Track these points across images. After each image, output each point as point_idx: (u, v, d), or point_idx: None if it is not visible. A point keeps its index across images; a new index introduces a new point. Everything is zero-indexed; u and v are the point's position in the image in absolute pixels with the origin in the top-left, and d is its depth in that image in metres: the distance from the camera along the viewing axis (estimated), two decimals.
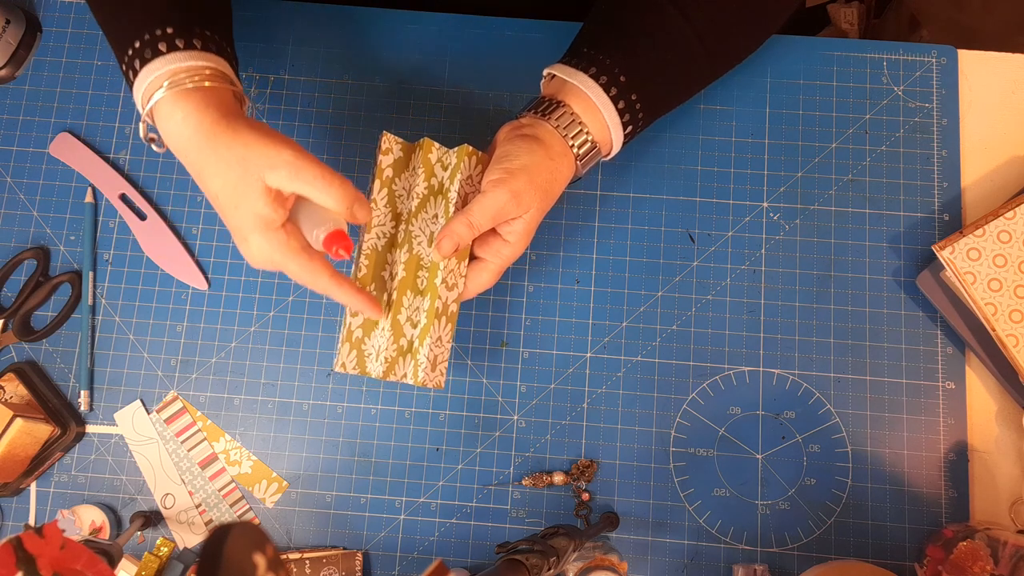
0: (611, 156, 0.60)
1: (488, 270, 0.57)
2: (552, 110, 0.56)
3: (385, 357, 0.55)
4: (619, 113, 0.56)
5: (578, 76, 0.56)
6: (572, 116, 0.55)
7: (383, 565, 0.63)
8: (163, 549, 0.63)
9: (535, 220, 0.55)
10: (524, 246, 0.56)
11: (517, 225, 0.55)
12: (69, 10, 0.72)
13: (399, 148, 0.58)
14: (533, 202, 0.54)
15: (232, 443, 0.65)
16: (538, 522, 0.63)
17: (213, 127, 0.48)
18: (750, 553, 0.62)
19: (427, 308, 0.56)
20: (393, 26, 0.71)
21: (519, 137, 0.55)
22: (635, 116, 0.57)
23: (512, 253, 0.56)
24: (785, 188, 0.67)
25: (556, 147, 0.55)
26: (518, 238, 0.55)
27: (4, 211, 0.69)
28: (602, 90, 0.55)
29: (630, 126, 0.57)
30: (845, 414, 0.64)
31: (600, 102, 0.55)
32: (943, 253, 0.61)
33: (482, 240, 0.57)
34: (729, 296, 0.66)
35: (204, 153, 0.49)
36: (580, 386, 0.65)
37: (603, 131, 0.57)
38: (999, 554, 0.54)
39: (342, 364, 0.55)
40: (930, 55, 0.69)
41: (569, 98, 0.56)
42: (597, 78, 0.55)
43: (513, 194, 0.53)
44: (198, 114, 0.49)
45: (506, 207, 0.53)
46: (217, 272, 0.67)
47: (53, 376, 0.67)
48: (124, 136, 0.70)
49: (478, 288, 0.58)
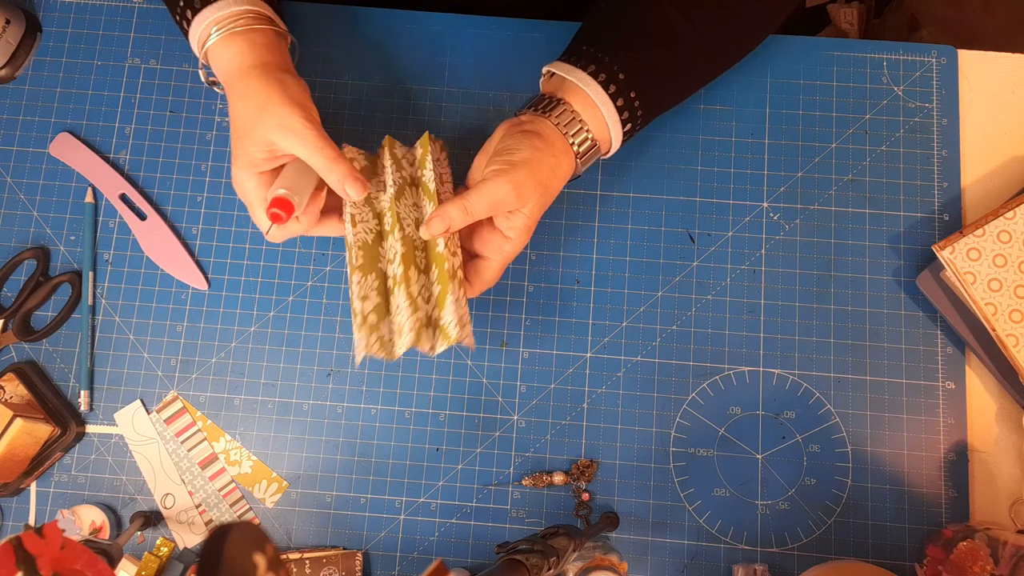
0: (610, 154, 0.60)
1: (491, 267, 0.57)
2: (552, 107, 0.56)
3: (410, 327, 0.53)
4: (618, 111, 0.56)
5: (577, 74, 0.56)
6: (572, 114, 0.56)
7: (383, 565, 0.63)
8: (163, 549, 0.63)
9: (535, 216, 0.55)
10: (524, 242, 0.57)
11: (517, 220, 0.55)
12: (69, 10, 0.72)
13: (363, 158, 0.60)
14: (532, 196, 0.54)
15: (232, 443, 0.65)
16: (538, 522, 0.63)
17: (251, 68, 0.55)
18: (750, 553, 0.62)
19: (438, 275, 0.55)
20: (393, 26, 0.71)
21: (520, 132, 0.55)
22: (634, 114, 0.57)
23: (513, 249, 0.56)
24: (785, 188, 0.67)
25: (557, 144, 0.55)
26: (518, 234, 0.55)
27: (4, 211, 0.69)
28: (601, 88, 0.55)
29: (629, 124, 0.57)
30: (845, 414, 0.64)
31: (599, 100, 0.55)
32: (943, 253, 0.61)
33: (483, 238, 0.57)
34: (729, 296, 0.66)
35: (237, 86, 0.55)
36: (580, 386, 0.65)
37: (602, 129, 0.57)
38: (999, 554, 0.54)
39: (367, 348, 0.53)
40: (930, 55, 0.69)
41: (569, 96, 0.56)
42: (596, 76, 0.55)
43: (514, 185, 0.53)
44: (241, 56, 0.55)
45: (505, 198, 0.53)
46: (217, 272, 0.67)
47: (53, 376, 0.67)
48: (124, 136, 0.70)
49: (483, 286, 0.58)
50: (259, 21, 0.57)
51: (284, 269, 0.67)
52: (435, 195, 0.57)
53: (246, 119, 0.54)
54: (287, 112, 0.52)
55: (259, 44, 0.56)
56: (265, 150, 0.54)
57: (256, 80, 0.54)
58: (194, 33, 0.57)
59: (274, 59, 0.56)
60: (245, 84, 0.54)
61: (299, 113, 0.53)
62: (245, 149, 0.54)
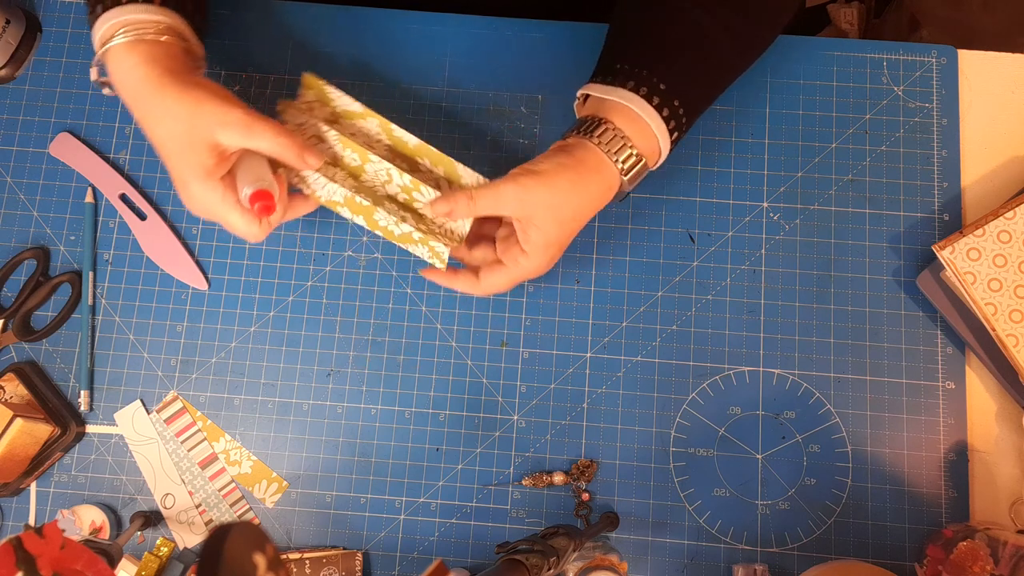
0: (659, 165, 0.59)
1: (504, 274, 0.57)
2: (594, 128, 0.55)
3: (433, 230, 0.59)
4: (664, 120, 0.56)
5: (618, 92, 0.55)
6: (615, 132, 0.55)
7: (383, 565, 0.63)
8: (163, 549, 0.63)
9: (552, 234, 0.55)
10: (541, 262, 0.56)
11: (532, 235, 0.55)
12: (69, 10, 0.72)
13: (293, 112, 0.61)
14: (540, 208, 0.54)
15: (232, 443, 0.65)
16: (538, 522, 0.63)
17: (160, 79, 0.52)
18: (750, 553, 0.62)
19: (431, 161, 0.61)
20: (393, 26, 0.71)
21: (555, 149, 0.56)
22: (679, 121, 0.57)
23: (529, 266, 0.56)
24: (785, 188, 0.67)
25: (590, 162, 0.55)
26: (534, 249, 0.55)
27: (4, 211, 0.69)
28: (645, 102, 0.55)
29: (676, 132, 0.57)
30: (845, 414, 0.64)
31: (645, 114, 0.55)
32: (943, 253, 0.61)
33: (505, 244, 0.57)
34: (729, 296, 0.66)
35: (151, 102, 0.52)
36: (580, 386, 0.65)
37: (650, 141, 0.56)
38: (999, 554, 0.54)
39: (439, 254, 0.58)
40: (930, 55, 0.69)
41: (611, 115, 0.55)
42: (638, 91, 0.55)
43: (520, 187, 0.53)
44: (145, 66, 0.53)
45: (506, 200, 0.54)
46: (217, 272, 0.67)
47: (53, 376, 0.67)
48: (124, 136, 0.70)
49: (490, 288, 0.58)
50: (170, 34, 0.55)
51: (284, 269, 0.67)
52: (367, 108, 0.60)
53: (179, 133, 0.52)
54: (222, 109, 0.52)
55: (163, 55, 0.54)
56: (214, 154, 0.52)
57: (174, 89, 0.52)
58: (97, 30, 0.54)
59: (180, 67, 0.54)
60: (161, 97, 0.52)
61: (233, 106, 0.52)
62: (192, 161, 0.52)
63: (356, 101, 0.61)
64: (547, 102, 0.69)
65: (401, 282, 0.67)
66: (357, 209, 0.59)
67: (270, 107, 0.70)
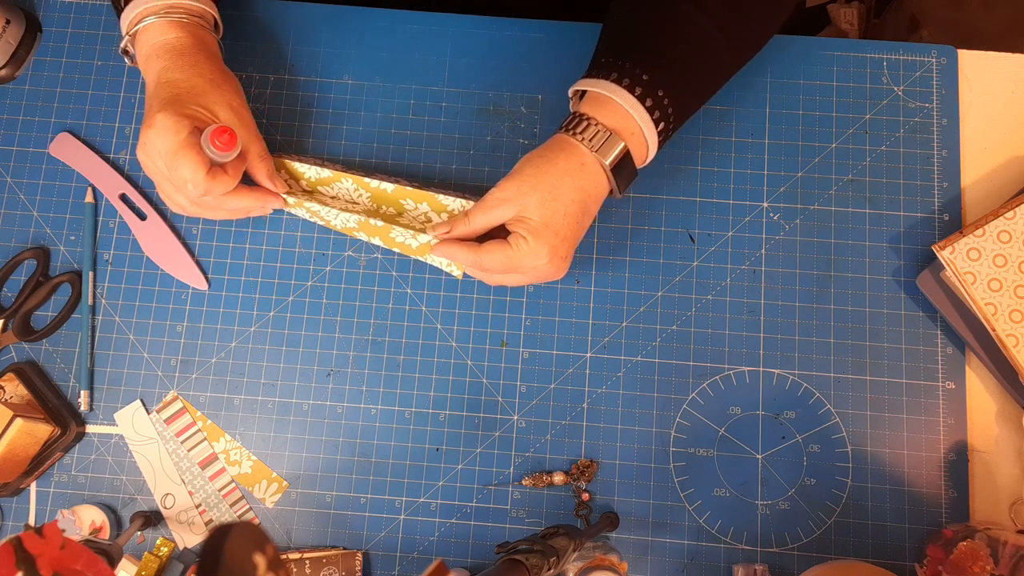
0: (649, 160, 0.59)
1: (503, 252, 0.57)
2: (575, 124, 0.56)
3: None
4: (648, 111, 0.56)
5: (600, 84, 0.56)
6: (597, 127, 0.55)
7: (383, 565, 0.63)
8: (163, 549, 0.63)
9: (543, 214, 0.55)
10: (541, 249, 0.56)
11: (526, 224, 0.56)
12: (69, 10, 0.72)
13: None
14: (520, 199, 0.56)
15: (232, 443, 0.65)
16: (538, 522, 0.63)
17: (196, 52, 0.59)
18: (750, 553, 0.62)
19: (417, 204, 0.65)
20: (393, 26, 0.71)
21: (534, 152, 0.58)
22: (665, 113, 0.57)
23: (528, 249, 0.56)
24: (785, 188, 0.67)
25: (573, 158, 0.56)
26: (530, 231, 0.56)
27: (4, 211, 0.69)
28: (627, 92, 0.55)
29: (662, 123, 0.57)
30: (845, 414, 0.64)
31: (627, 103, 0.55)
32: (943, 253, 0.61)
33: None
34: (729, 296, 0.66)
35: (185, 61, 0.58)
36: (580, 386, 0.65)
37: (635, 135, 0.56)
38: (999, 554, 0.54)
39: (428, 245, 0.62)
40: (930, 55, 0.69)
41: (595, 109, 0.56)
42: (620, 82, 0.55)
43: (499, 189, 0.57)
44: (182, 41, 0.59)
45: (493, 204, 0.57)
46: (217, 272, 0.67)
47: (53, 376, 0.67)
48: (124, 136, 0.70)
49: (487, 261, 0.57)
50: (193, 15, 0.61)
51: (284, 269, 0.67)
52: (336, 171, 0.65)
53: (196, 86, 0.58)
54: (237, 98, 0.60)
55: (191, 33, 0.60)
56: (207, 115, 0.58)
57: (207, 62, 0.59)
58: (128, 15, 0.59)
59: (215, 51, 0.62)
60: (195, 60, 0.58)
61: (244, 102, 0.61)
62: (191, 105, 0.57)
63: (324, 167, 0.64)
64: (547, 102, 0.70)
65: (401, 282, 0.67)
66: (372, 231, 0.62)
67: (270, 107, 0.70)
